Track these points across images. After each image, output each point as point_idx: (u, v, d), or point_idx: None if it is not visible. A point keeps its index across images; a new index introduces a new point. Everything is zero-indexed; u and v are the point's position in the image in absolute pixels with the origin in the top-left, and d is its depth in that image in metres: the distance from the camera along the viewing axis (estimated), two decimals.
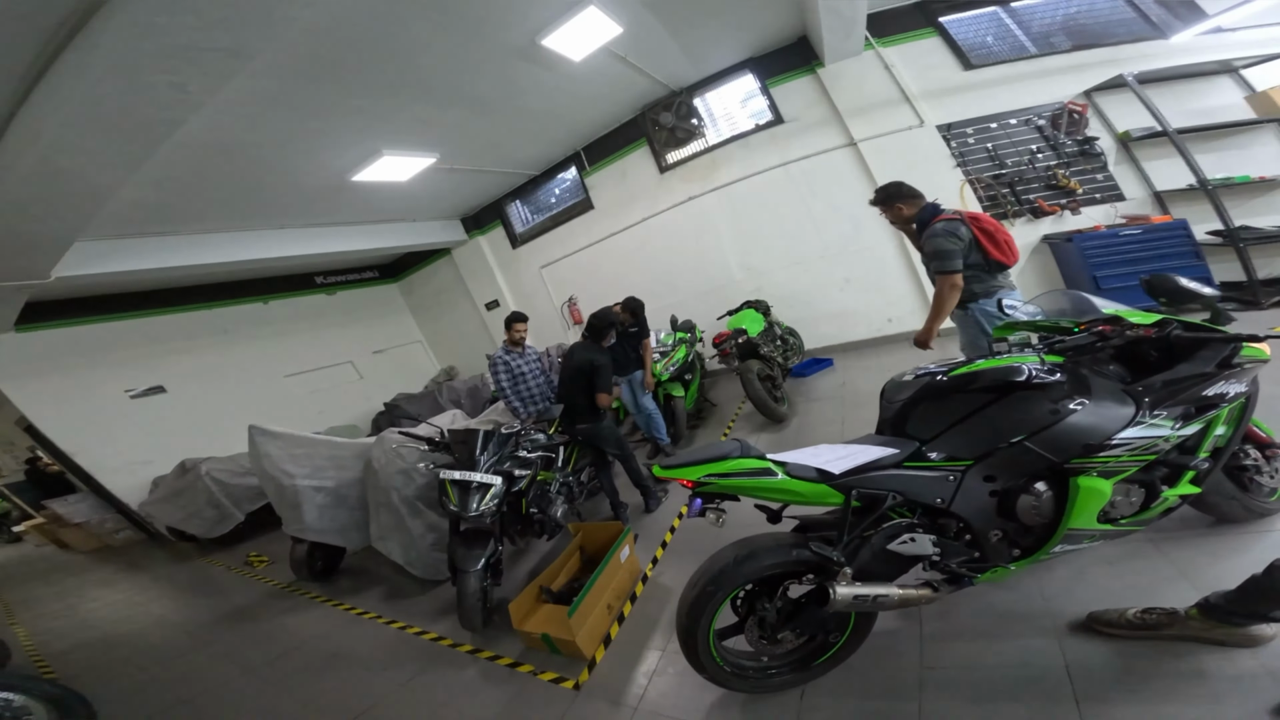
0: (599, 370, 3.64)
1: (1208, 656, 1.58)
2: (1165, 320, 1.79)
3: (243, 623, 4.10)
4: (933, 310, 2.96)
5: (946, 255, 2.80)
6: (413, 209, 7.67)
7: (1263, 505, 1.99)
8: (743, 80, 6.52)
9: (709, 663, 1.83)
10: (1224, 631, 1.57)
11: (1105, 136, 5.42)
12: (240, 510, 5.77)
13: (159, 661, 3.73)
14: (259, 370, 7.85)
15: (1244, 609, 1.52)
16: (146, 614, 4.74)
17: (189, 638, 4.06)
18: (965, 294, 2.91)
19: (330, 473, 4.00)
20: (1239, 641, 1.57)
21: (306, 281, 8.85)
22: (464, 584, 2.84)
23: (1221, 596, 1.57)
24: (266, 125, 4.24)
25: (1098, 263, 4.89)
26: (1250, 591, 1.51)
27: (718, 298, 6.64)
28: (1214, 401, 1.74)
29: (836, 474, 1.70)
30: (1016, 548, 1.79)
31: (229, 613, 4.34)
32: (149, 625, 4.47)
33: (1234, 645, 1.58)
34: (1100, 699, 1.57)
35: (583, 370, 3.67)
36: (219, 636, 3.96)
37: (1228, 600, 1.55)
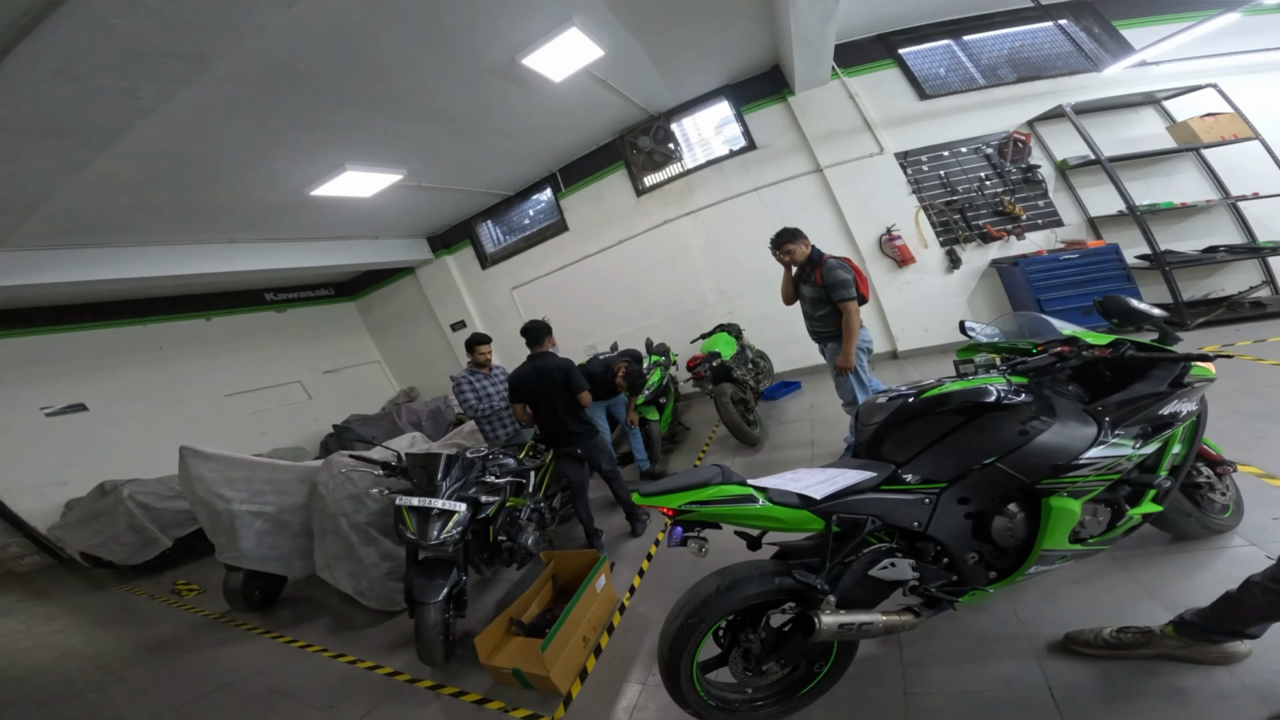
0: (572, 371, 3.57)
1: (1186, 675, 1.60)
2: (1119, 341, 1.86)
3: (167, 655, 3.76)
4: (847, 335, 3.52)
5: (847, 284, 3.45)
6: (375, 226, 7.40)
7: (1217, 522, 2.08)
8: (718, 106, 6.71)
9: (693, 697, 1.76)
10: (1200, 649, 1.59)
11: (1046, 164, 5.77)
12: (167, 535, 5.35)
13: (63, 698, 3.36)
14: (195, 389, 7.39)
15: (1219, 626, 1.54)
16: (51, 645, 4.29)
17: (102, 671, 3.68)
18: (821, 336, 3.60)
19: (271, 497, 3.75)
20: (1215, 659, 1.59)
21: (255, 298, 8.43)
22: (423, 616, 2.66)
23: (1196, 614, 1.59)
24: (220, 135, 3.99)
25: (1041, 286, 5.16)
26: (1225, 608, 1.53)
27: (691, 321, 6.72)
28: (1169, 421, 1.81)
29: (818, 499, 1.68)
30: (993, 570, 1.81)
31: (151, 644, 3.97)
32: (54, 658, 4.04)
33: (1210, 663, 1.60)
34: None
35: (563, 376, 3.54)
36: (138, 670, 3.61)
37: (1202, 617, 1.57)
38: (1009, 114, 5.82)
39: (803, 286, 3.72)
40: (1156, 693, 1.58)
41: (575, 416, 3.61)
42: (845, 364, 3.57)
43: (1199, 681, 1.57)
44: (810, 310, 3.70)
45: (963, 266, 5.92)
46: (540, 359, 3.60)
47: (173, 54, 2.41)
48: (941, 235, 5.99)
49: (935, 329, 6.00)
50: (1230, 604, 1.51)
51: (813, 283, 3.60)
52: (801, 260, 3.67)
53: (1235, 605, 1.50)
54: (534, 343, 3.63)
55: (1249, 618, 1.49)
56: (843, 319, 3.53)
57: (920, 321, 6.12)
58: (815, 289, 3.60)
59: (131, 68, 2.41)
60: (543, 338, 3.65)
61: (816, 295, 3.61)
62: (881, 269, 6.19)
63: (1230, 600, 1.51)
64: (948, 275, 5.99)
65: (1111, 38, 5.77)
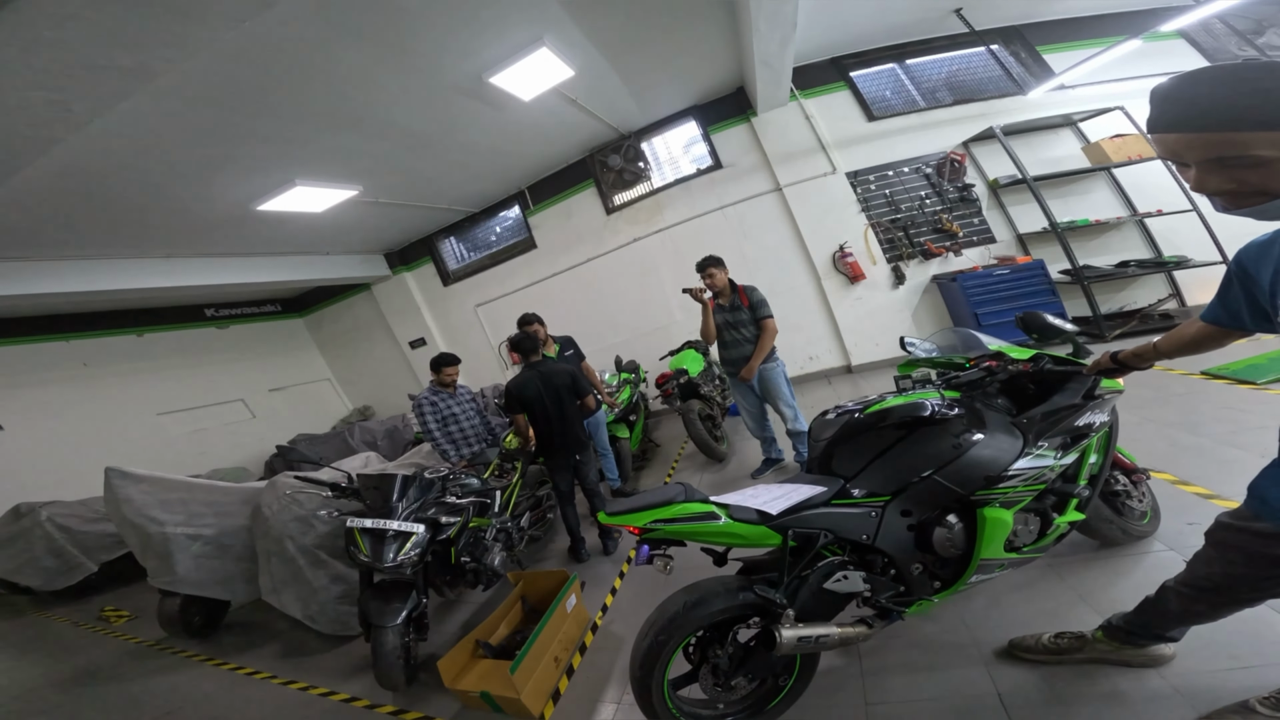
0: (578, 375, 3.60)
1: (1120, 678, 1.68)
2: (1038, 355, 2.00)
3: (98, 685, 3.53)
4: (760, 348, 3.81)
5: (767, 304, 3.83)
6: (328, 242, 7.11)
7: (1137, 528, 2.24)
8: (686, 126, 6.86)
9: (665, 714, 1.79)
10: (1128, 653, 1.68)
11: (980, 183, 6.16)
12: (92, 560, 5.10)
13: None
14: (125, 408, 6.94)
15: (1142, 630, 1.63)
16: None
17: (21, 703, 3.43)
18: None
19: (210, 519, 3.58)
20: (1143, 662, 1.68)
21: (194, 313, 8.00)
22: (380, 640, 2.59)
23: (1122, 618, 1.67)
24: (159, 148, 3.76)
25: (977, 300, 5.48)
26: (1146, 613, 1.60)
27: (660, 338, 6.80)
28: (1084, 431, 1.94)
29: (774, 514, 1.74)
30: (937, 580, 1.90)
31: (78, 674, 3.73)
32: None
33: (1139, 665, 1.68)
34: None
35: (570, 380, 3.54)
36: (66, 701, 3.37)
37: (1127, 622, 1.65)
38: (946, 135, 6.19)
39: (727, 315, 3.88)
40: (1095, 696, 1.66)
41: (579, 423, 3.62)
42: (750, 374, 3.84)
43: (1133, 684, 1.65)
44: (740, 335, 3.86)
45: (907, 282, 6.24)
46: (541, 365, 3.58)
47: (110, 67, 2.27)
48: (888, 252, 6.30)
49: (885, 343, 6.28)
50: (1150, 608, 1.59)
51: (739, 306, 3.84)
52: (722, 286, 3.85)
53: (1154, 610, 1.57)
54: (529, 353, 3.61)
55: (1168, 621, 1.57)
56: (763, 335, 3.81)
57: (871, 336, 6.40)
58: (744, 311, 3.83)
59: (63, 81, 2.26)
60: (538, 348, 3.63)
61: (745, 317, 3.82)
62: (836, 285, 6.46)
63: (1150, 605, 1.59)
64: (894, 291, 6.30)
65: (1036, 62, 6.22)
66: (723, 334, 3.91)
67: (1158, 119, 0.92)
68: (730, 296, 3.88)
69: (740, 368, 3.90)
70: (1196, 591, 1.45)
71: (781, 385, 3.87)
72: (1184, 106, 0.87)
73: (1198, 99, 0.85)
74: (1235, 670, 1.58)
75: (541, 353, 3.67)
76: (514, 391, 3.55)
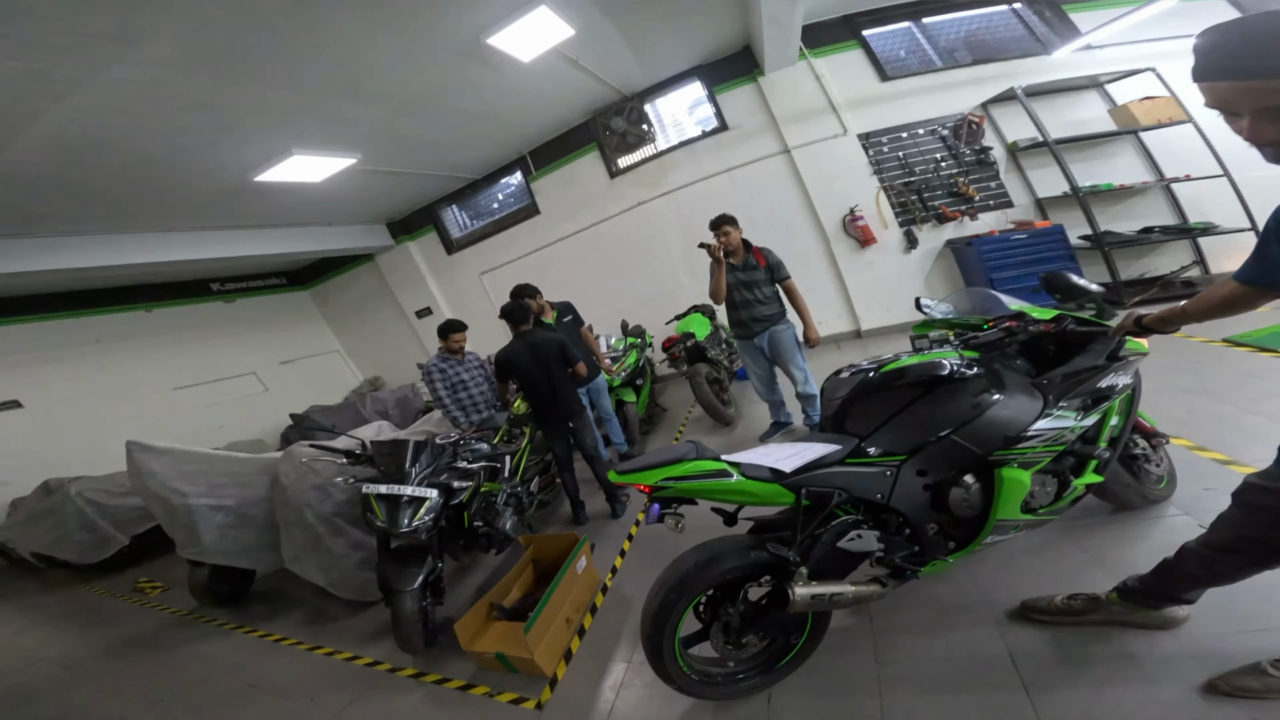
0: (566, 344, 3.59)
1: (1132, 640, 1.69)
2: (1061, 315, 1.96)
3: (137, 654, 3.67)
4: (807, 308, 3.85)
5: (785, 265, 3.81)
6: (328, 212, 7.03)
7: (1153, 492, 2.22)
8: (691, 87, 6.64)
9: (676, 672, 1.82)
10: (1143, 615, 1.68)
11: (998, 146, 5.96)
12: (123, 533, 5.20)
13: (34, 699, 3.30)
14: (141, 383, 7.06)
15: (1159, 591, 1.62)
16: (13, 648, 4.17)
17: (70, 672, 3.59)
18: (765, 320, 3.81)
19: (230, 490, 3.63)
20: (1157, 624, 1.68)
21: (200, 288, 8.05)
22: (399, 604, 2.66)
23: (1137, 580, 1.67)
24: (151, 119, 3.69)
25: (993, 265, 5.37)
26: (1163, 575, 1.60)
27: (666, 303, 6.72)
28: (1106, 393, 1.92)
29: (788, 473, 1.73)
30: (952, 540, 1.90)
31: (119, 644, 3.87)
32: (17, 661, 3.93)
33: (1153, 627, 1.68)
34: (1047, 686, 1.65)
35: (559, 349, 3.54)
36: (108, 670, 3.52)
37: (1143, 584, 1.65)
38: (964, 96, 5.96)
39: (739, 275, 3.80)
40: (1108, 657, 1.67)
41: (571, 391, 3.63)
42: (818, 336, 3.81)
43: (1145, 646, 1.66)
44: (753, 295, 3.79)
45: (920, 247, 6.11)
46: (530, 335, 3.58)
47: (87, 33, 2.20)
48: (900, 216, 6.16)
49: (895, 308, 6.19)
50: (1168, 570, 1.58)
51: (754, 266, 3.77)
52: (736, 245, 3.78)
53: (1172, 572, 1.57)
54: (519, 323, 3.60)
55: (1185, 583, 1.57)
56: (794, 296, 3.84)
57: (881, 301, 6.31)
58: (760, 270, 3.77)
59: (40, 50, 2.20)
60: (527, 318, 3.63)
61: (762, 277, 3.77)
62: (845, 249, 6.35)
63: (1167, 567, 1.58)
64: (905, 255, 6.18)
65: (1061, 21, 5.94)
66: (733, 294, 3.85)
67: (1207, 66, 0.86)
68: (744, 256, 3.81)
69: (749, 328, 3.88)
70: (1219, 553, 1.43)
71: (792, 348, 3.84)
72: (1238, 52, 0.82)
73: (1254, 43, 0.80)
74: (1247, 633, 1.58)
75: (532, 321, 3.67)
76: (502, 361, 3.60)
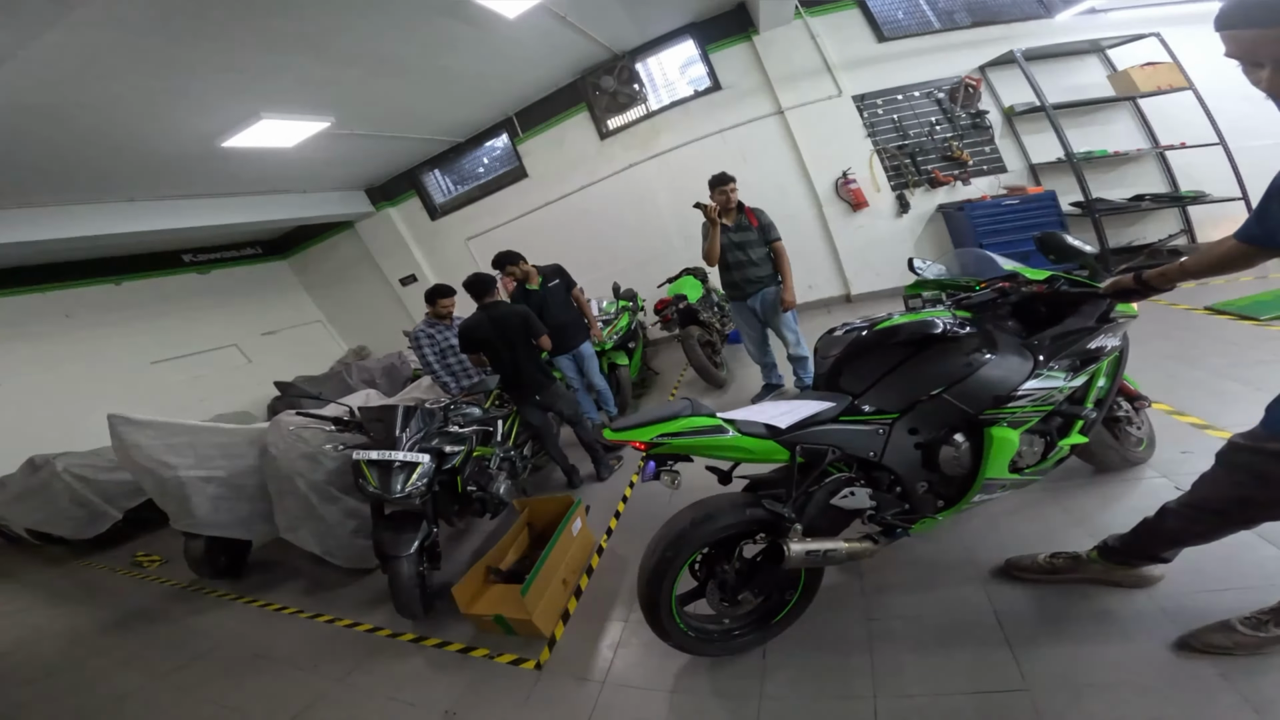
0: (530, 317, 3.57)
1: (1109, 598, 1.75)
2: (1054, 277, 1.96)
3: (141, 627, 3.72)
4: (790, 271, 3.83)
5: (775, 226, 3.82)
6: (303, 179, 6.76)
7: (1134, 454, 2.28)
8: (684, 46, 6.42)
9: (673, 629, 1.86)
10: (1120, 573, 1.74)
11: (994, 110, 5.87)
12: (115, 508, 5.21)
13: (46, 674, 3.34)
14: (118, 357, 6.94)
15: (1137, 550, 1.67)
16: (20, 624, 4.20)
17: (78, 646, 3.63)
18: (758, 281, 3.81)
19: (220, 462, 3.61)
20: (1134, 582, 1.74)
21: (172, 260, 7.82)
22: (396, 570, 2.68)
23: (1117, 539, 1.71)
24: (105, 83, 3.47)
25: (984, 230, 5.35)
26: (1143, 534, 1.64)
27: (657, 266, 6.64)
28: (1095, 355, 1.94)
29: (783, 429, 1.75)
30: (941, 499, 1.94)
31: (123, 618, 3.91)
32: (26, 636, 3.96)
33: (1130, 586, 1.75)
34: (1030, 642, 1.71)
35: (522, 322, 3.52)
36: (115, 643, 3.56)
37: (1123, 543, 1.69)
38: (962, 59, 5.84)
39: (732, 236, 3.78)
40: (1086, 615, 1.74)
41: (536, 363, 3.61)
42: (794, 299, 3.83)
43: (1121, 604, 1.72)
44: (746, 256, 3.78)
45: (911, 211, 6.08)
46: (493, 308, 3.54)
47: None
48: (893, 180, 6.09)
49: (886, 273, 6.18)
50: (1148, 530, 1.62)
51: (746, 226, 3.76)
52: (734, 205, 3.77)
53: (1152, 531, 1.61)
54: (482, 295, 3.56)
55: (1164, 542, 1.62)
56: (781, 258, 3.82)
57: (872, 265, 6.31)
58: (752, 231, 3.77)
59: None
60: (491, 289, 3.58)
61: (754, 238, 3.77)
62: (837, 212, 6.30)
63: (1147, 526, 1.63)
64: (897, 220, 6.15)
65: None
66: (726, 255, 3.82)
67: (1231, 13, 0.85)
68: (736, 217, 3.79)
69: (741, 290, 3.88)
70: (1198, 512, 1.47)
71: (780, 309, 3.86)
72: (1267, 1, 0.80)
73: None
74: (1218, 592, 1.64)
75: (497, 293, 3.64)
76: (464, 332, 3.59)
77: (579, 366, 4.34)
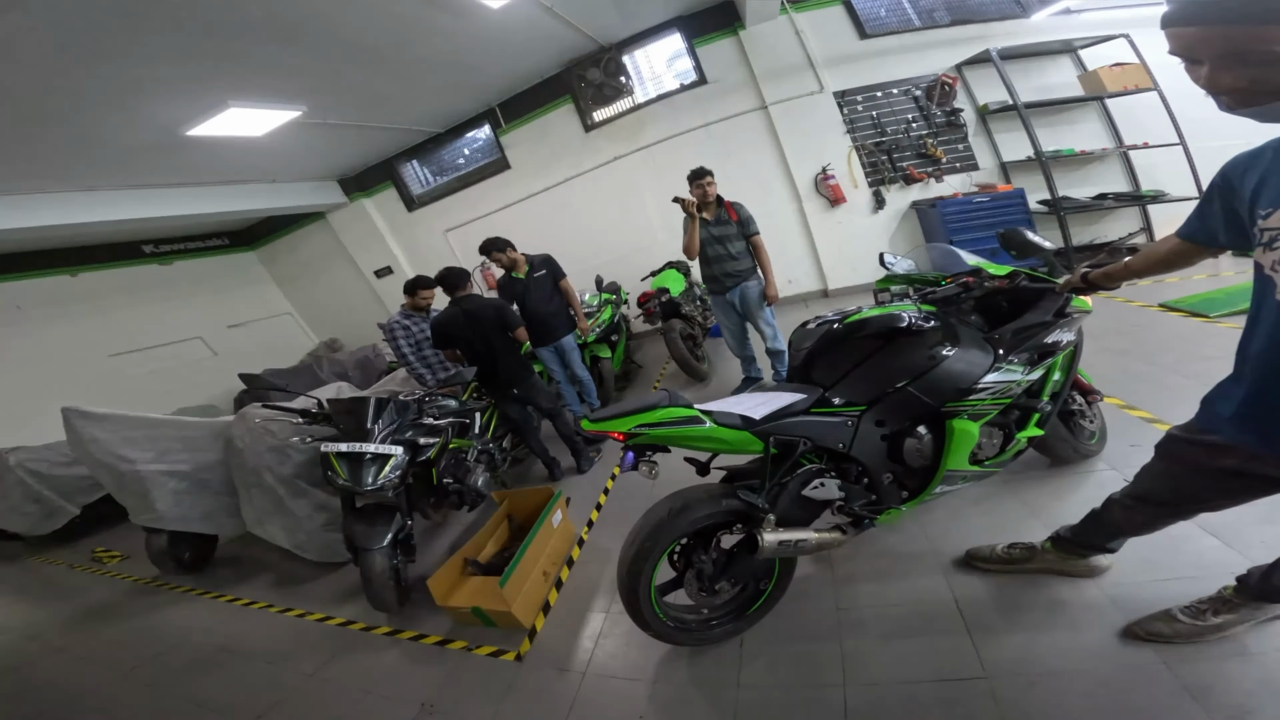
0: (504, 310, 3.54)
1: (1062, 588, 1.82)
2: (1015, 272, 2.04)
3: (102, 623, 3.62)
4: (770, 266, 3.89)
5: (755, 221, 3.84)
6: (272, 169, 6.51)
7: (1086, 447, 2.38)
8: (671, 39, 6.37)
9: (653, 619, 1.89)
10: (1071, 564, 1.80)
11: (968, 108, 5.98)
12: (72, 503, 5.07)
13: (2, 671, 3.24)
14: (73, 350, 6.68)
15: (1086, 540, 1.74)
16: None
17: (36, 643, 3.52)
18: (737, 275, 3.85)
19: (182, 455, 3.53)
20: (1083, 572, 1.80)
21: (131, 250, 7.52)
22: (368, 563, 2.65)
23: (1068, 530, 1.78)
24: (61, 70, 3.29)
25: (955, 227, 5.47)
26: (1090, 524, 1.70)
27: (641, 259, 6.62)
28: (1052, 349, 2.01)
29: (757, 419, 1.78)
30: (905, 489, 2.00)
31: (83, 614, 3.80)
32: None
33: (1080, 576, 1.81)
34: (989, 630, 1.77)
35: (497, 315, 3.48)
36: (75, 640, 3.46)
37: (1073, 533, 1.76)
38: (940, 57, 5.91)
39: (712, 230, 3.80)
40: (1040, 604, 1.80)
41: (513, 357, 3.59)
42: (776, 293, 3.90)
43: (1073, 594, 1.79)
44: (725, 250, 3.81)
45: (887, 207, 6.18)
46: (466, 302, 3.50)
47: None
48: (870, 176, 6.17)
49: (861, 268, 6.27)
50: (1094, 520, 1.69)
51: (726, 220, 3.78)
52: (712, 199, 3.78)
53: (1098, 521, 1.67)
54: (455, 288, 3.52)
55: (1110, 533, 1.68)
56: (760, 252, 3.86)
57: (849, 260, 6.39)
58: (731, 225, 3.79)
59: None
60: (463, 283, 3.54)
61: (733, 232, 3.79)
62: (816, 208, 6.36)
63: (1094, 517, 1.69)
64: (873, 215, 6.24)
65: None
66: (705, 249, 3.84)
67: (1176, 12, 0.87)
68: (716, 211, 3.80)
69: (721, 284, 3.90)
70: (1139, 503, 1.52)
71: (763, 303, 3.92)
72: None
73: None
74: (1160, 581, 1.72)
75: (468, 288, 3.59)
76: (436, 328, 3.56)
77: (561, 358, 4.32)
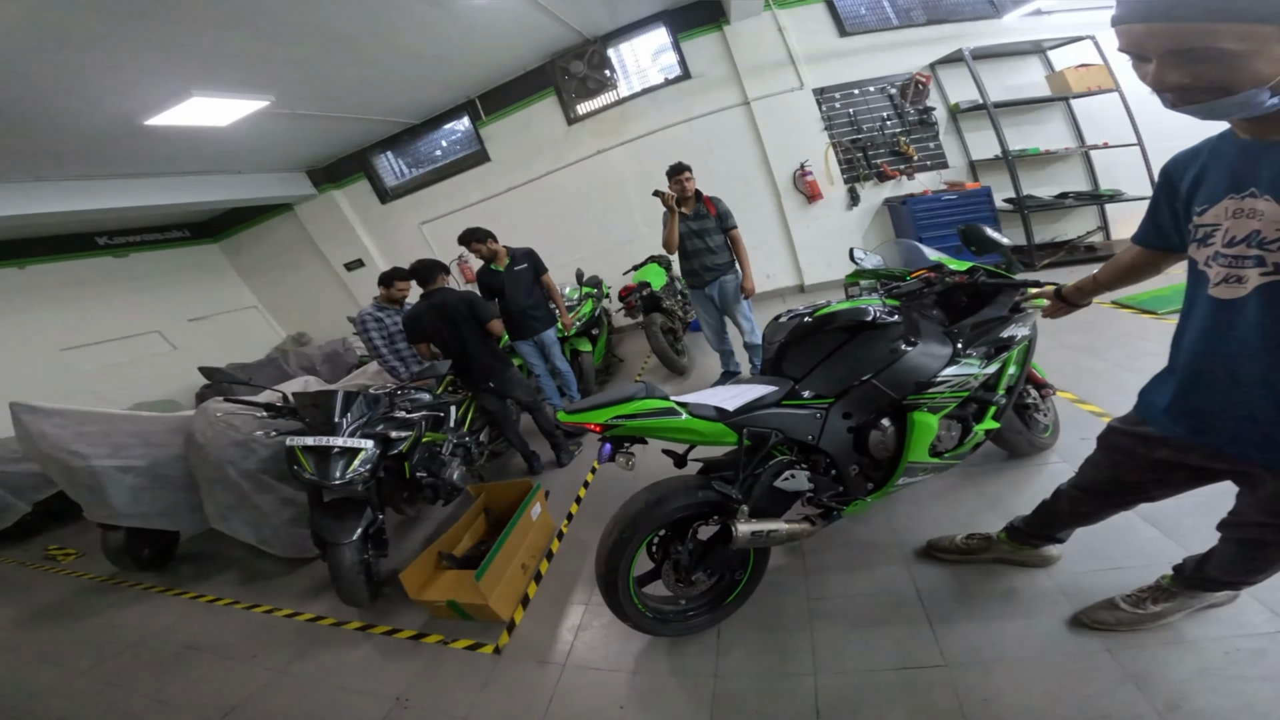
0: (476, 302, 3.49)
1: (1015, 577, 1.89)
2: (975, 268, 2.10)
3: (58, 622, 3.49)
4: (748, 260, 3.93)
5: (733, 214, 3.89)
6: (238, 159, 6.27)
7: (1040, 440, 2.48)
8: (656, 33, 6.33)
9: (632, 610, 1.91)
10: (1024, 554, 1.87)
11: (940, 107, 6.10)
12: (22, 500, 4.89)
13: None
14: (21, 344, 6.38)
15: (1037, 531, 1.79)
16: None
17: None
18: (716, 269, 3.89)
19: (139, 450, 3.41)
20: (1035, 562, 1.88)
21: (84, 242, 7.17)
22: (337, 558, 2.61)
23: (1022, 520, 1.83)
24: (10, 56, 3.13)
25: (924, 224, 5.61)
26: (1041, 515, 1.76)
27: (623, 254, 6.61)
28: (1007, 343, 2.09)
29: (731, 411, 1.81)
30: (870, 481, 2.06)
31: (37, 613, 3.66)
32: None
33: (1032, 565, 1.88)
34: (948, 620, 1.83)
35: (468, 308, 3.44)
36: (30, 640, 3.34)
37: (1026, 524, 1.81)
38: (915, 55, 6.01)
39: (690, 224, 3.83)
40: (995, 593, 1.87)
41: (488, 349, 3.55)
42: (753, 287, 3.94)
43: (1025, 583, 1.87)
44: (704, 244, 3.84)
45: (861, 204, 6.29)
46: (437, 295, 3.45)
47: None
48: (846, 173, 6.27)
49: (836, 264, 6.34)
50: (1045, 511, 1.74)
51: (705, 215, 3.82)
52: (690, 194, 3.81)
53: (1048, 512, 1.73)
54: (427, 281, 3.47)
55: (1058, 523, 1.73)
56: (738, 246, 3.90)
57: (824, 256, 6.50)
58: (710, 219, 3.82)
59: None
60: (435, 276, 3.49)
61: (712, 226, 3.83)
62: (794, 204, 6.44)
63: (1044, 508, 1.74)
64: (848, 212, 6.35)
65: None
66: (684, 243, 3.86)
67: (1126, 10, 0.88)
68: (695, 205, 3.82)
69: (700, 277, 3.94)
70: (1084, 494, 1.58)
71: (740, 296, 3.96)
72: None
73: None
74: (1105, 571, 1.80)
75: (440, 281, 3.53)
76: (409, 323, 3.51)
77: (542, 352, 4.30)
